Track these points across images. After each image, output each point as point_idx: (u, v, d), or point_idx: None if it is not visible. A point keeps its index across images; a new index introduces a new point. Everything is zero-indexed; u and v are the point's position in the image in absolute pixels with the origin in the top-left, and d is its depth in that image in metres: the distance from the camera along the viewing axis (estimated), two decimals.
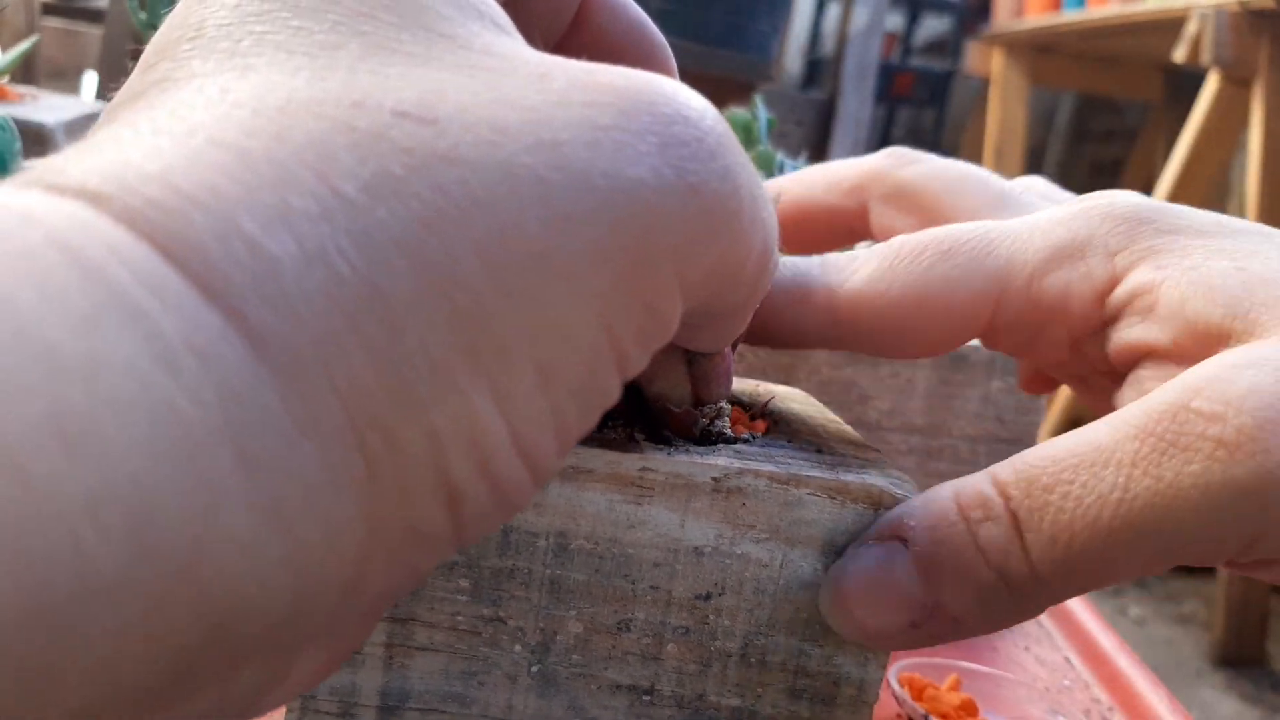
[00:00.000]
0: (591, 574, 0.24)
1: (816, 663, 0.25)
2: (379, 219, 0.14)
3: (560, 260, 0.16)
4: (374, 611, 0.17)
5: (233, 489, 0.13)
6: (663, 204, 0.17)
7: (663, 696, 0.25)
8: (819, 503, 0.24)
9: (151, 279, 0.13)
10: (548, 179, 0.16)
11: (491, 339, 0.15)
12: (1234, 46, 1.96)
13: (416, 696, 0.24)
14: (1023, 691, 0.41)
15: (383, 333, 0.14)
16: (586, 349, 0.16)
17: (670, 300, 0.17)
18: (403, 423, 0.15)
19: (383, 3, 0.17)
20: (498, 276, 0.15)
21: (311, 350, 0.14)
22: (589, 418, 0.17)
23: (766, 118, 0.69)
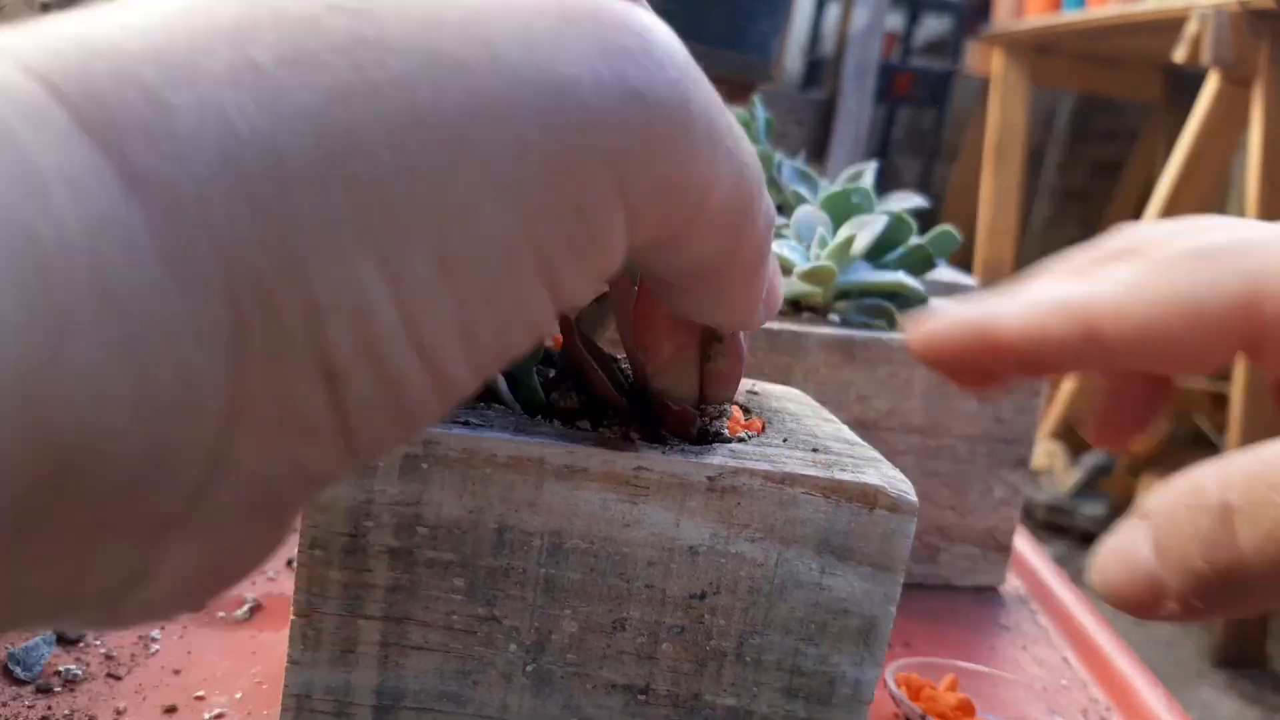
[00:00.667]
0: (586, 573, 0.24)
1: (812, 662, 0.25)
2: (287, 87, 0.14)
3: (476, 146, 0.15)
4: (256, 507, 0.16)
5: (85, 320, 0.12)
6: (598, 103, 0.16)
7: (658, 696, 0.25)
8: (814, 502, 0.24)
9: (34, 113, 0.13)
10: (473, 68, 0.16)
11: (389, 217, 0.15)
12: (1234, 46, 1.96)
13: (411, 696, 0.24)
14: (1020, 691, 0.41)
15: (273, 193, 0.14)
16: (499, 246, 0.16)
17: (607, 210, 0.17)
18: (281, 285, 0.14)
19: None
20: (404, 154, 0.15)
21: (194, 198, 0.14)
22: (509, 336, 0.17)
23: (766, 118, 0.69)
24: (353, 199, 0.15)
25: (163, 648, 0.35)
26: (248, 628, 0.37)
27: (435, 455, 0.23)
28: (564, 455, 0.23)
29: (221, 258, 0.14)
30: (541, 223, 0.16)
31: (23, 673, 0.31)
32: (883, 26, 2.06)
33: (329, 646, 0.24)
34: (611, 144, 0.16)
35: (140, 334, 0.13)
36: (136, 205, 0.13)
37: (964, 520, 0.49)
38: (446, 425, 0.23)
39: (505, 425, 0.24)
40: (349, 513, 0.23)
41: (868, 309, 0.48)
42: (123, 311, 0.13)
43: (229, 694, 0.33)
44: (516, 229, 0.16)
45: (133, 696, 0.32)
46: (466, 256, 0.16)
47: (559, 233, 0.16)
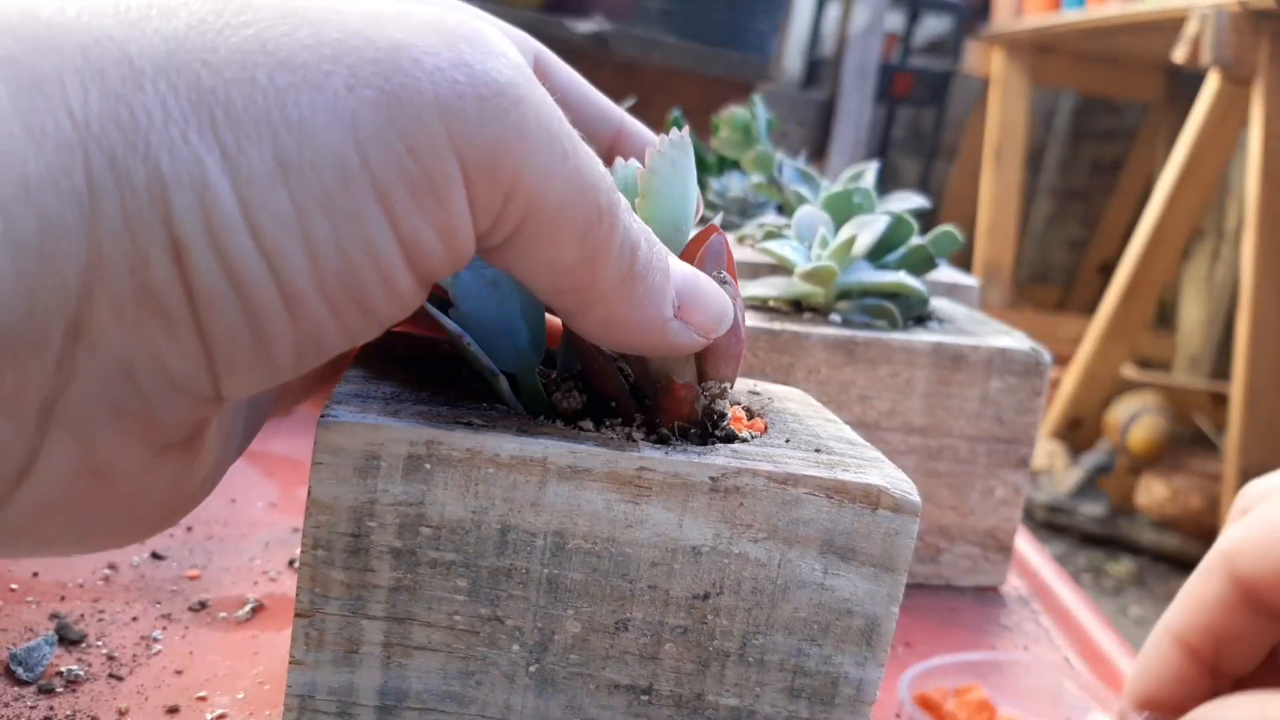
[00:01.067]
0: (589, 573, 0.24)
1: (815, 662, 0.25)
2: (150, 17, 0.17)
3: (314, 75, 0.18)
4: (121, 404, 0.18)
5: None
6: (431, 62, 0.18)
7: (661, 696, 0.25)
8: (816, 502, 0.24)
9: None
10: (322, 21, 0.18)
11: (230, 118, 0.17)
12: (1234, 46, 1.96)
13: (414, 696, 0.24)
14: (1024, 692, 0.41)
15: (125, 84, 0.17)
16: (332, 157, 0.18)
17: (439, 156, 0.18)
18: (131, 158, 0.16)
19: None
20: (247, 71, 0.17)
21: (53, 79, 0.16)
22: (352, 260, 0.18)
23: (766, 118, 0.69)
24: (197, 100, 0.17)
25: (164, 648, 0.35)
26: (249, 628, 0.37)
27: (438, 455, 0.23)
28: (567, 455, 0.23)
29: (76, 128, 0.16)
30: (373, 146, 0.18)
31: (24, 673, 0.31)
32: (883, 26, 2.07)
33: (332, 647, 0.24)
34: (442, 96, 0.18)
35: (4, 184, 0.15)
36: (1, 82, 0.16)
37: (965, 520, 0.49)
38: (449, 426, 0.23)
39: (508, 425, 0.24)
40: (351, 512, 0.23)
41: (869, 309, 0.48)
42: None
43: (231, 694, 0.33)
44: (349, 146, 0.18)
45: (135, 697, 0.32)
46: (301, 161, 0.17)
47: (391, 162, 0.18)
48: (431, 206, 0.19)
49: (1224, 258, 2.76)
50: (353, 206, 0.18)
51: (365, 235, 0.18)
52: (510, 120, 0.19)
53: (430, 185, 0.19)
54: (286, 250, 0.18)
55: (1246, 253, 1.98)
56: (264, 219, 0.17)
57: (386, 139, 0.18)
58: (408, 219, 0.18)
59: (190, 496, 0.23)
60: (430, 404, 0.24)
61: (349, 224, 0.18)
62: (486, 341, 0.25)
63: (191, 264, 0.17)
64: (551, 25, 1.43)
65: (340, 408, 0.23)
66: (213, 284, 0.17)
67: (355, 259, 0.18)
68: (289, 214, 0.17)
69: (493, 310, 0.26)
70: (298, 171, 0.17)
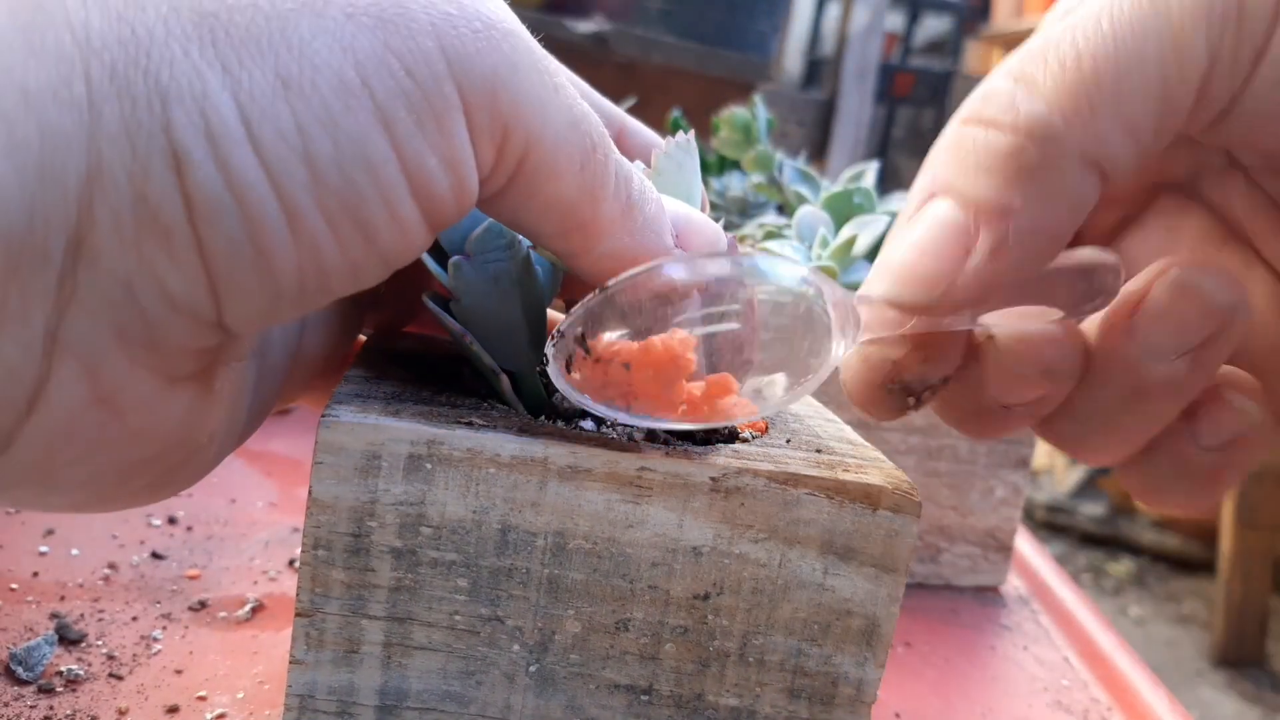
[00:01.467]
0: (590, 573, 0.24)
1: (815, 662, 0.25)
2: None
3: (315, 1, 0.18)
4: (125, 327, 0.18)
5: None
6: (428, 3, 0.19)
7: (661, 696, 0.25)
8: (817, 502, 0.24)
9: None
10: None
11: (231, 34, 0.17)
12: None
13: (415, 696, 0.24)
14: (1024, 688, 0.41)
15: (127, 6, 0.17)
16: (334, 79, 0.18)
17: (439, 82, 0.19)
18: (132, 72, 0.17)
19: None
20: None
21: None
22: (355, 184, 0.18)
23: (766, 118, 0.69)
24: (199, 20, 0.17)
25: (164, 648, 0.35)
26: (249, 628, 0.37)
27: (439, 455, 0.23)
28: (568, 456, 0.23)
29: (76, 43, 0.16)
30: (372, 67, 0.18)
31: (24, 673, 0.31)
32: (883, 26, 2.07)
33: (332, 647, 0.24)
34: (438, 24, 0.19)
35: (4, 94, 0.15)
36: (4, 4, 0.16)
37: (965, 520, 0.49)
38: (450, 425, 0.23)
39: (509, 425, 0.24)
40: (352, 512, 0.23)
41: None
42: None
43: (231, 694, 0.33)
44: (349, 67, 0.18)
45: (134, 696, 0.32)
46: (303, 79, 0.18)
47: (391, 84, 0.18)
48: (433, 130, 0.19)
49: None
50: (354, 127, 0.18)
51: (367, 156, 0.18)
52: (503, 51, 0.20)
53: (430, 108, 0.19)
54: (288, 164, 0.18)
55: None
56: (265, 132, 0.17)
57: (386, 61, 0.18)
58: (410, 142, 0.19)
59: (200, 451, 0.23)
60: (431, 404, 0.24)
61: (351, 144, 0.18)
62: (488, 340, 0.25)
63: (191, 175, 0.17)
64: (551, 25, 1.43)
65: (341, 407, 0.23)
66: (213, 195, 0.17)
67: (358, 179, 0.18)
68: (290, 129, 0.18)
69: (494, 308, 0.26)
70: (299, 89, 0.18)
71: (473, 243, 0.25)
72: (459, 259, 0.25)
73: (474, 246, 0.25)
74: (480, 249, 0.25)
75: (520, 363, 0.26)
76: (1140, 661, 0.46)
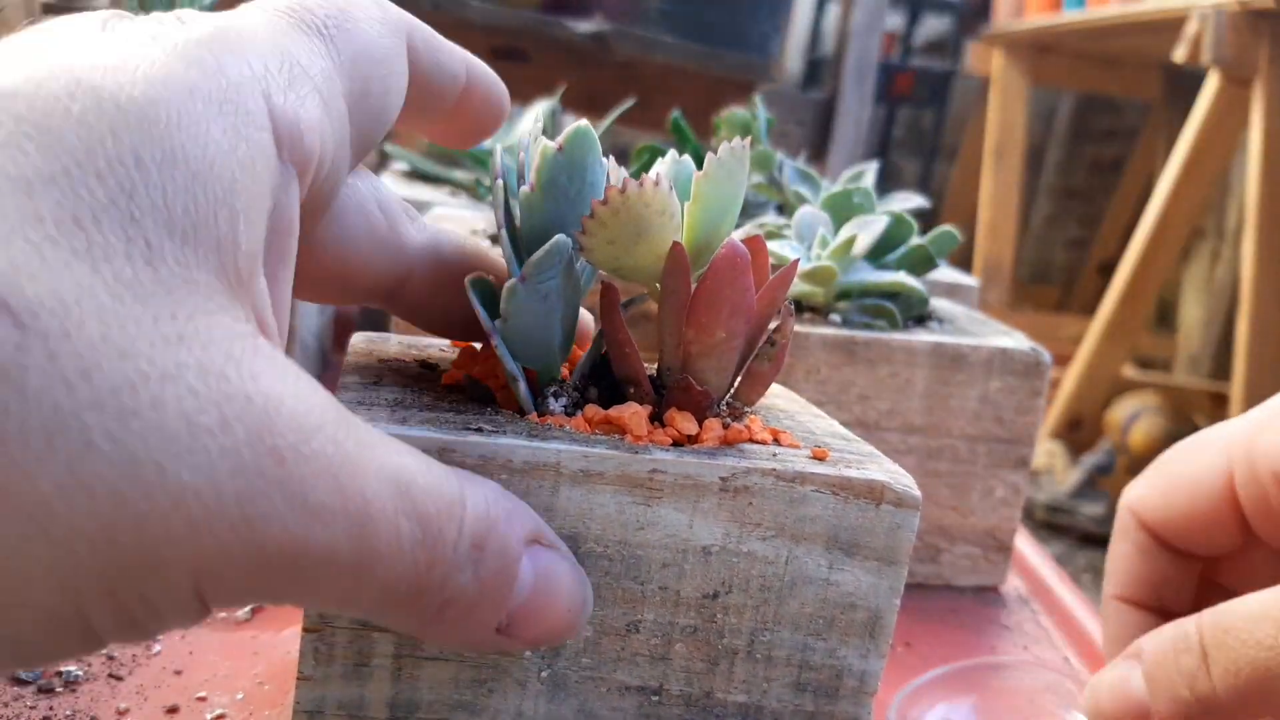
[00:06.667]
0: (601, 576, 0.24)
1: (820, 656, 0.25)
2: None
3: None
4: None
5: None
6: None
7: (671, 696, 0.25)
8: (823, 499, 0.24)
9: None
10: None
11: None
12: (1234, 46, 1.96)
13: (425, 706, 0.24)
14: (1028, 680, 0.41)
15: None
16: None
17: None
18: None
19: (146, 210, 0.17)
20: None
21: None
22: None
23: (766, 118, 0.69)
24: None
25: (164, 648, 0.34)
26: (249, 628, 0.37)
27: (450, 463, 0.22)
28: (580, 459, 0.23)
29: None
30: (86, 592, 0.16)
31: (24, 673, 0.31)
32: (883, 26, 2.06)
33: (341, 661, 0.23)
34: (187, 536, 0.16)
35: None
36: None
37: (965, 520, 0.49)
38: (460, 432, 0.23)
39: (518, 430, 0.24)
40: None
41: (869, 309, 0.48)
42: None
43: (230, 694, 0.33)
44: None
45: (134, 697, 0.32)
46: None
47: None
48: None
49: (1224, 258, 2.76)
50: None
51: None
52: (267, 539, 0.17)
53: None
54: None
55: (1246, 253, 1.98)
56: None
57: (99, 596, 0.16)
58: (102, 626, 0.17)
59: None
60: (436, 410, 0.24)
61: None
62: (519, 344, 0.25)
63: None
64: (551, 25, 1.43)
65: None
66: None
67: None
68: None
69: (539, 323, 0.25)
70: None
71: (531, 266, 0.24)
72: (515, 284, 0.24)
73: (532, 270, 0.24)
74: (537, 271, 0.24)
75: (543, 363, 0.26)
76: None
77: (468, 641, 0.21)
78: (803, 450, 0.26)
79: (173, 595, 0.16)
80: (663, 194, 0.24)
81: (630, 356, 0.26)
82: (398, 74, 0.24)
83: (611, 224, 0.24)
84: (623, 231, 0.24)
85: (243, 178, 0.18)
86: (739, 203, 0.26)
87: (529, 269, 0.24)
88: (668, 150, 0.28)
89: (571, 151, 0.25)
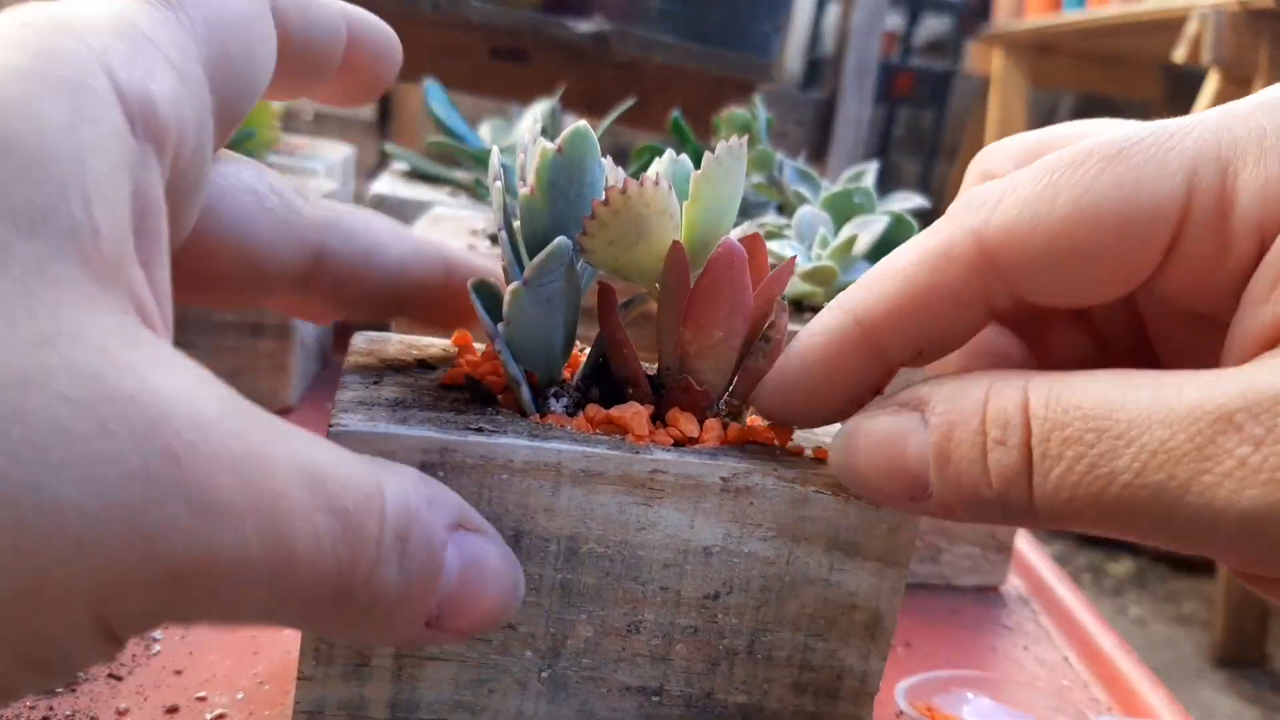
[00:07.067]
0: (602, 577, 0.24)
1: (820, 656, 0.25)
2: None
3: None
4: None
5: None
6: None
7: (671, 696, 0.25)
8: (824, 499, 0.24)
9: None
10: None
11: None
12: (1234, 46, 1.96)
13: (426, 706, 0.24)
14: (1024, 692, 0.41)
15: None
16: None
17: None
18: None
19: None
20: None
21: None
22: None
23: (766, 118, 0.69)
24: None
25: (164, 648, 0.34)
26: (249, 628, 0.37)
27: (452, 463, 0.22)
28: (580, 460, 0.23)
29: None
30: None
31: None
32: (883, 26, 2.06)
33: (341, 661, 0.23)
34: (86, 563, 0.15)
35: None
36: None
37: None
38: (461, 432, 0.23)
39: (519, 431, 0.24)
40: None
41: None
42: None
43: (230, 694, 0.33)
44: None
45: (134, 697, 0.32)
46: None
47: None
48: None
49: None
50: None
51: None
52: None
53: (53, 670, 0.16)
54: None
55: None
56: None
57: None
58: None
59: None
60: (436, 410, 0.24)
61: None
62: (521, 348, 0.25)
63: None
64: (551, 25, 1.43)
65: (348, 416, 0.23)
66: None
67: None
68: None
69: (540, 326, 0.25)
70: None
71: (533, 269, 0.24)
72: (519, 287, 0.24)
73: (534, 274, 0.24)
74: (539, 275, 0.24)
75: (545, 365, 0.26)
76: (1140, 661, 0.46)
77: (397, 639, 0.20)
78: (804, 450, 0.26)
79: (72, 629, 0.15)
80: (662, 193, 0.24)
81: (628, 357, 0.26)
82: (261, 36, 0.22)
83: (612, 224, 0.24)
84: (623, 232, 0.24)
85: (91, 159, 0.16)
86: (737, 202, 0.26)
87: (531, 272, 0.24)
88: (667, 150, 0.28)
89: (571, 152, 0.25)
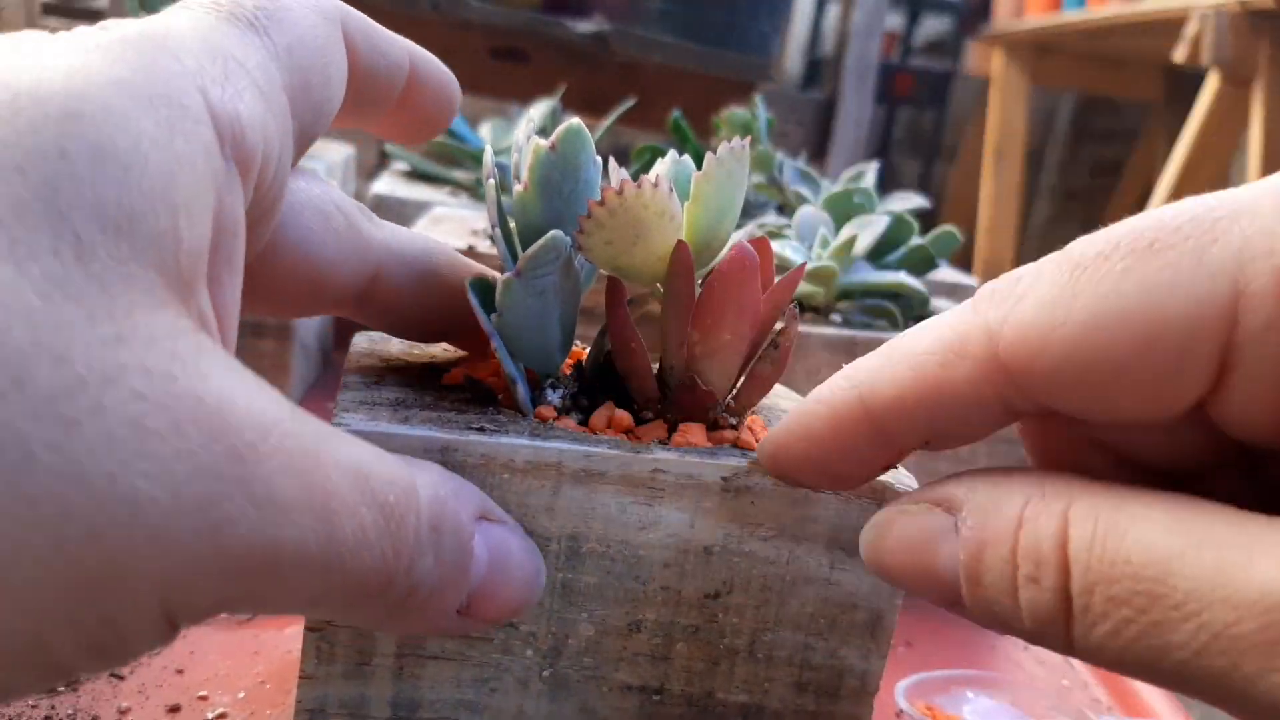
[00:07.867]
0: (603, 576, 0.24)
1: (821, 656, 0.25)
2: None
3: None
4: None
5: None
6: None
7: (672, 696, 0.25)
8: (825, 499, 0.24)
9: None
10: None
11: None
12: (1234, 46, 1.96)
13: (427, 705, 0.24)
14: (1024, 692, 0.41)
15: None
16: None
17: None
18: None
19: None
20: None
21: None
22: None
23: (766, 118, 0.69)
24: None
25: (165, 647, 0.34)
26: (250, 627, 0.37)
27: (453, 462, 0.22)
28: (581, 459, 0.23)
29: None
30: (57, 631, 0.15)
31: None
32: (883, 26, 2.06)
33: (343, 660, 0.24)
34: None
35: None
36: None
37: None
38: (462, 431, 0.23)
39: (520, 430, 0.24)
40: None
41: (869, 309, 0.48)
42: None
43: (232, 693, 0.33)
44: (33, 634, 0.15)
45: (136, 696, 0.32)
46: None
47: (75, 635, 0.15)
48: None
49: None
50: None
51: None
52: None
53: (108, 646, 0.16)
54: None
55: None
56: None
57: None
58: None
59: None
60: (437, 409, 0.24)
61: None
62: (518, 344, 0.25)
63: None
64: (551, 25, 1.43)
65: (350, 415, 0.23)
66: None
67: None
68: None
69: (535, 320, 0.25)
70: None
71: (526, 260, 0.24)
72: (510, 278, 0.24)
73: (526, 265, 0.24)
74: (532, 266, 0.24)
75: (541, 360, 0.26)
76: None
77: (430, 628, 0.21)
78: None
79: (138, 614, 0.16)
80: (661, 195, 0.24)
81: (636, 352, 0.26)
82: (337, 63, 0.22)
83: (609, 225, 0.24)
84: (620, 233, 0.24)
85: (181, 172, 0.17)
86: (739, 203, 0.26)
87: (524, 263, 0.24)
88: (668, 150, 0.28)
89: (564, 149, 0.25)
